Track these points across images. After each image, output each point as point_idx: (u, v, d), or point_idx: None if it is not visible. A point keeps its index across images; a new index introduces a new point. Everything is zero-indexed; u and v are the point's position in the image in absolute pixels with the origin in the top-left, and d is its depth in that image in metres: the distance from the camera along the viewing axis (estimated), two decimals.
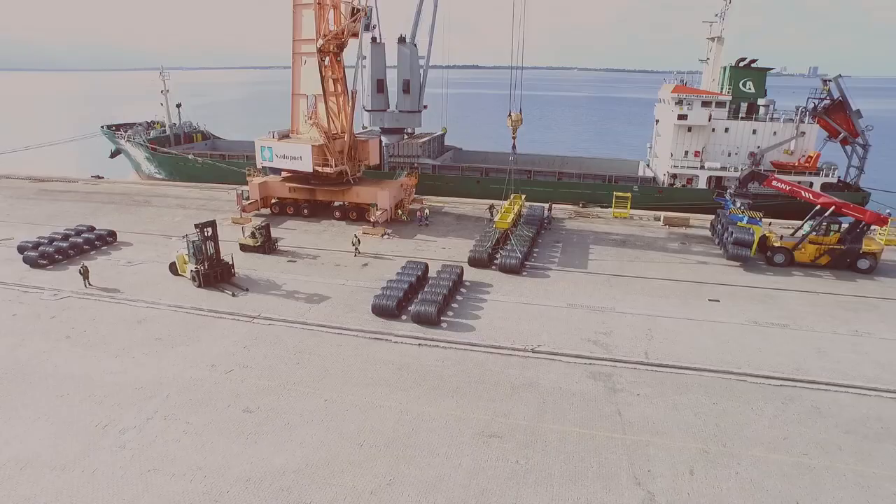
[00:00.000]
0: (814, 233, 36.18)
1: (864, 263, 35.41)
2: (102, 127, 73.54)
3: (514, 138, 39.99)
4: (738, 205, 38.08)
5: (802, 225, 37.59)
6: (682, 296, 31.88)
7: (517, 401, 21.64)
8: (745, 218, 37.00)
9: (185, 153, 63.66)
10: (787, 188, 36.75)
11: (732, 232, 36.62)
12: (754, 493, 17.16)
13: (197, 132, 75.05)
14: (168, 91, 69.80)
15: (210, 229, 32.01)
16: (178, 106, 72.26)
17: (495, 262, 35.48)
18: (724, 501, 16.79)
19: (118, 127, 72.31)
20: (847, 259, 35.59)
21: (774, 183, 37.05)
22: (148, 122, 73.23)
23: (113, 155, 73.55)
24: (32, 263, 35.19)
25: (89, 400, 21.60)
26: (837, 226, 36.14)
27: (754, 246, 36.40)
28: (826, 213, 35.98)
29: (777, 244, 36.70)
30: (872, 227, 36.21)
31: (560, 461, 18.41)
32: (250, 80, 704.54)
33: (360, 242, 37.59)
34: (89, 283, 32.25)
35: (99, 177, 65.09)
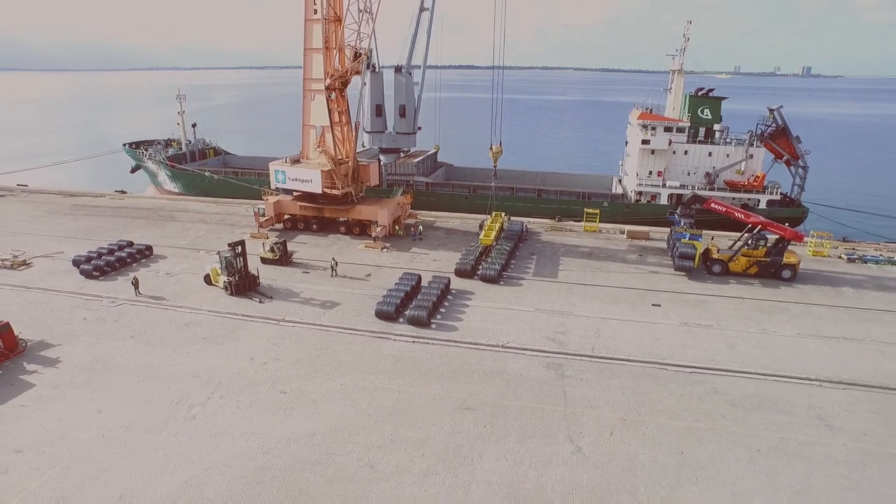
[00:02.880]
0: (745, 247, 43.14)
1: (786, 273, 42.32)
2: (125, 145, 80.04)
3: (495, 166, 46.68)
4: (683, 223, 44.97)
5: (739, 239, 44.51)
6: (630, 301, 38.70)
7: (488, 384, 28.38)
8: (688, 235, 43.90)
9: (201, 170, 70.16)
10: (723, 209, 43.66)
11: (678, 247, 43.49)
12: (653, 446, 23.95)
13: (209, 148, 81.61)
14: (184, 112, 76.29)
15: (240, 247, 38.66)
16: (194, 126, 78.80)
17: (478, 272, 42.17)
18: (630, 451, 23.57)
19: (138, 144, 78.80)
20: (772, 269, 42.48)
21: (713, 205, 43.95)
22: (166, 140, 79.74)
23: (133, 170, 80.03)
24: (87, 275, 41.69)
25: (160, 385, 28.21)
26: (764, 241, 43.02)
27: (697, 258, 43.27)
28: (755, 231, 42.89)
29: (716, 256, 43.64)
30: (793, 242, 42.96)
31: (516, 426, 25.14)
32: (245, 80, 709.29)
33: (337, 265, 42.64)
34: (139, 293, 38.83)
35: (122, 191, 71.40)
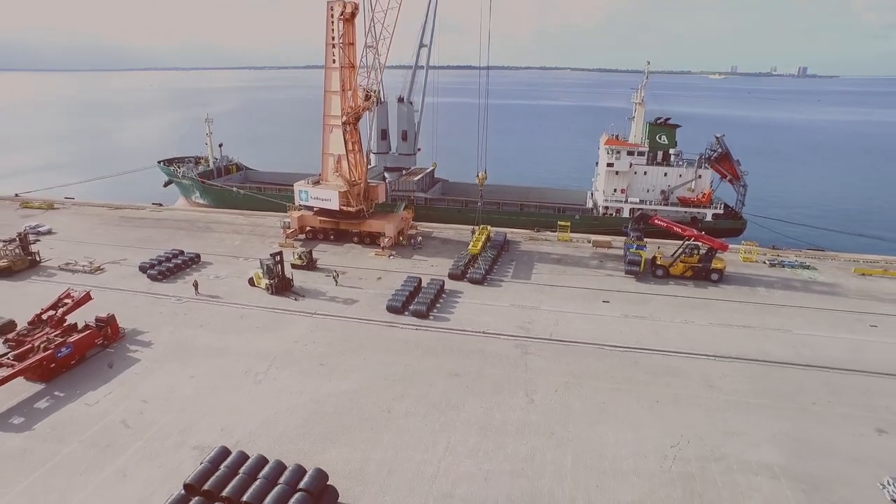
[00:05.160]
0: (682, 254, 53.62)
1: (714, 276, 52.76)
2: (159, 162, 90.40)
3: (480, 190, 56.99)
4: (632, 236, 55.45)
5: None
6: (586, 298, 49.14)
7: (471, 359, 38.71)
8: (634, 245, 54.39)
9: (228, 186, 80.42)
10: (665, 224, 54.10)
11: (627, 255, 53.96)
12: (584, 399, 34.32)
13: (232, 164, 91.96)
14: (212, 133, 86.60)
15: (279, 256, 49.01)
16: (221, 146, 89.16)
17: (467, 276, 52.47)
18: (567, 402, 33.94)
19: (170, 161, 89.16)
20: (703, 273, 52.92)
21: (656, 221, 54.40)
22: (195, 158, 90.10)
23: (166, 184, 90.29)
24: (153, 278, 51.92)
25: (231, 360, 38.45)
26: (697, 250, 53.46)
27: (642, 264, 53.72)
28: (689, 242, 53.33)
29: (659, 262, 54.09)
30: (719, 251, 53.35)
31: (490, 386, 35.47)
32: (244, 82, 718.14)
33: (338, 275, 52.10)
34: (198, 292, 49.07)
35: (159, 204, 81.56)
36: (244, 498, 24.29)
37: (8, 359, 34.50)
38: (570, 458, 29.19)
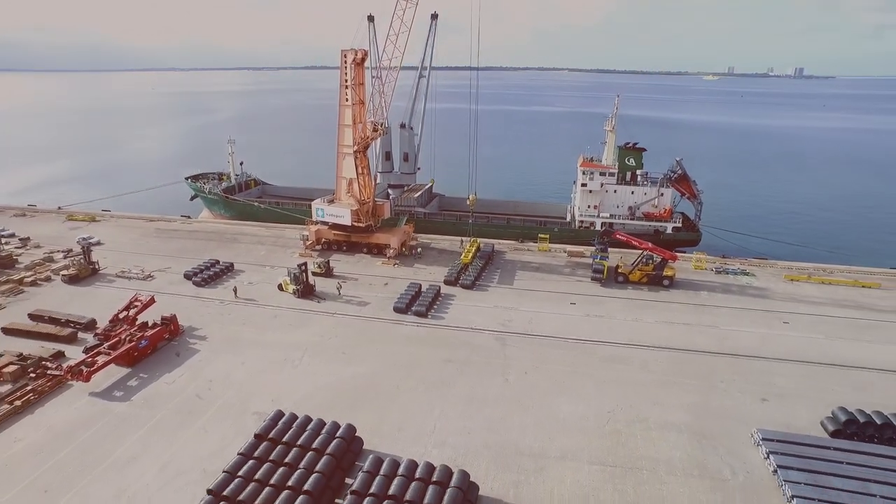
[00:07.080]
0: (640, 264, 64.06)
1: (665, 282, 63.22)
2: (186, 179, 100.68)
3: (472, 209, 67.26)
4: (597, 247, 65.93)
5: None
6: (556, 300, 59.52)
7: (462, 349, 49.05)
8: (599, 256, 64.90)
9: (249, 201, 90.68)
10: (625, 238, 64.53)
11: (593, 264, 64.42)
12: (546, 379, 44.65)
13: (251, 180, 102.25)
14: (233, 153, 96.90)
15: (304, 266, 59.35)
16: (241, 164, 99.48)
17: (459, 282, 62.82)
18: (534, 381, 44.24)
19: (196, 178, 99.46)
20: (657, 279, 63.35)
21: (617, 236, 64.84)
22: (218, 174, 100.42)
23: (192, 198, 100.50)
24: (198, 284, 62.20)
25: (272, 350, 48.74)
26: (652, 260, 63.89)
27: (605, 272, 64.15)
28: (644, 253, 63.78)
29: (620, 270, 64.54)
30: (670, 261, 63.77)
31: (475, 370, 45.79)
32: (243, 84, 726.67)
33: (341, 287, 62.13)
34: (237, 296, 59.33)
35: (187, 216, 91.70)
36: (298, 442, 34.65)
37: (104, 348, 44.83)
38: (532, 419, 39.58)
